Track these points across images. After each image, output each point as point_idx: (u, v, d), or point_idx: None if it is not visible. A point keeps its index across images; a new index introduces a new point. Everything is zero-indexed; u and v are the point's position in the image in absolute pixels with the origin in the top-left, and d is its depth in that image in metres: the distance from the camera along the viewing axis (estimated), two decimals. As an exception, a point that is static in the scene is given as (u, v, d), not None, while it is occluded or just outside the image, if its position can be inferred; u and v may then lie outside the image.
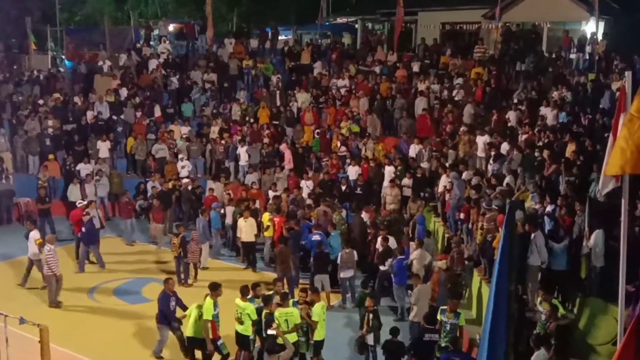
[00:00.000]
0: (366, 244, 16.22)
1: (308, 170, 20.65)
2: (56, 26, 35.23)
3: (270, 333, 10.83)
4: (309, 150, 22.23)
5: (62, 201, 20.69)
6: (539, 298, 11.34)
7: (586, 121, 18.87)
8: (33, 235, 15.68)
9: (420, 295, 12.76)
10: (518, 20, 29.45)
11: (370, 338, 11.92)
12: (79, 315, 14.44)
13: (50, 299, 14.75)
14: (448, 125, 21.39)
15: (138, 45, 30.95)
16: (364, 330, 11.98)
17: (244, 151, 22.02)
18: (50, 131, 23.08)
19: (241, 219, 17.31)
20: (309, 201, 18.41)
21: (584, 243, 12.14)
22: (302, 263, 16.31)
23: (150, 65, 27.86)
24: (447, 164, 18.60)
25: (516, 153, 17.24)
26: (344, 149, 21.59)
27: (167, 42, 30.41)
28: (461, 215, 16.01)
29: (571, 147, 16.37)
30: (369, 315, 12.01)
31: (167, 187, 20.12)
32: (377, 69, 26.53)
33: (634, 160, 6.91)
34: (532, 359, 9.69)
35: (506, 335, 7.23)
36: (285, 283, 14.97)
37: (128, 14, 41.76)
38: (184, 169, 21.60)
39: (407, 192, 18.37)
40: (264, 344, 11.33)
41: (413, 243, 15.33)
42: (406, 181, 18.69)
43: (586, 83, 22.08)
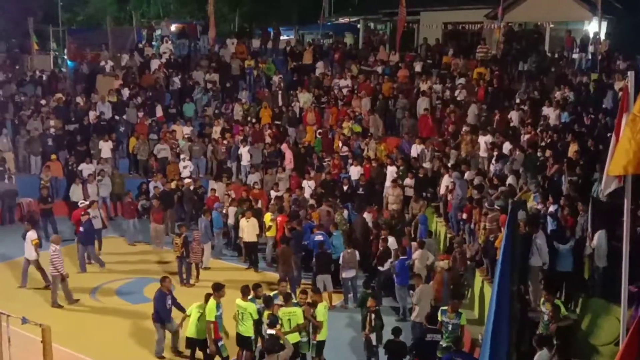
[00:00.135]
0: (368, 244, 16.21)
1: (310, 170, 20.65)
2: (58, 26, 35.24)
3: (270, 332, 10.82)
4: (311, 150, 22.23)
5: (65, 201, 20.73)
6: (542, 298, 11.32)
7: (589, 121, 18.83)
8: (30, 235, 15.67)
9: (422, 295, 12.75)
10: (520, 20, 29.43)
11: (372, 338, 11.92)
12: (81, 315, 14.45)
13: (52, 299, 14.76)
14: (450, 125, 21.37)
15: (140, 45, 30.98)
16: (367, 330, 11.97)
17: (246, 151, 22.02)
18: (52, 131, 23.10)
19: (243, 219, 17.31)
20: (312, 201, 18.41)
21: (587, 244, 12.11)
22: (305, 263, 16.32)
23: (152, 65, 27.89)
24: (450, 164, 18.59)
25: (518, 153, 17.22)
26: (346, 149, 21.59)
27: (169, 42, 30.42)
28: (463, 215, 15.99)
29: (573, 147, 16.35)
30: (371, 315, 12.01)
31: (170, 187, 20.13)
32: (380, 69, 26.52)
33: (637, 160, 6.91)
34: (535, 359, 9.68)
35: (508, 335, 7.23)
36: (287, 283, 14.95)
37: (130, 14, 41.81)
38: (186, 169, 21.61)
39: (410, 192, 18.35)
40: (264, 344, 11.33)
41: (415, 243, 15.32)
42: (408, 181, 18.67)
43: (589, 83, 22.05)
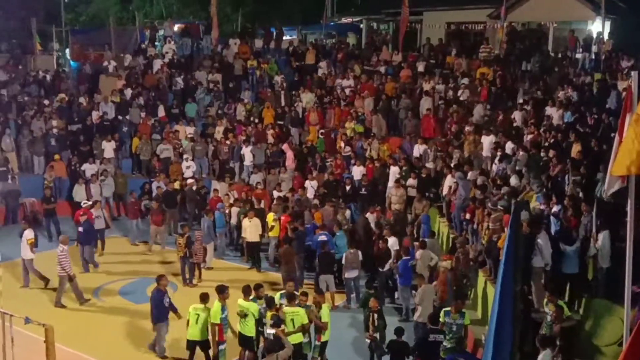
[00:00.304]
0: (371, 245, 16.20)
1: (312, 170, 20.64)
2: (61, 26, 35.29)
3: (270, 332, 10.81)
4: (314, 150, 22.23)
5: (68, 201, 20.76)
6: (545, 299, 11.29)
7: (592, 121, 18.79)
8: (26, 234, 15.70)
9: (424, 295, 12.74)
10: (523, 19, 29.39)
11: (377, 337, 11.91)
12: (84, 315, 14.46)
13: (56, 299, 14.79)
14: (453, 125, 21.34)
15: (143, 45, 31.00)
16: (371, 331, 11.96)
17: (249, 151, 22.03)
18: (55, 131, 23.13)
19: (246, 219, 17.32)
20: (316, 201, 18.41)
21: (592, 244, 12.06)
22: (308, 263, 16.31)
23: (154, 65, 27.92)
24: (452, 164, 18.56)
25: (522, 153, 17.18)
26: (349, 149, 21.58)
27: (172, 43, 30.45)
28: (466, 215, 15.96)
29: (576, 147, 16.31)
30: (374, 315, 12.00)
31: (173, 187, 20.14)
32: (382, 69, 26.51)
33: (640, 160, 6.89)
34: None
35: (512, 335, 7.21)
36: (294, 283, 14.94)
37: (133, 15, 41.81)
38: (189, 169, 21.63)
39: (412, 193, 18.34)
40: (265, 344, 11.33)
41: (417, 243, 15.30)
42: (411, 181, 18.65)
43: (592, 83, 22.00)
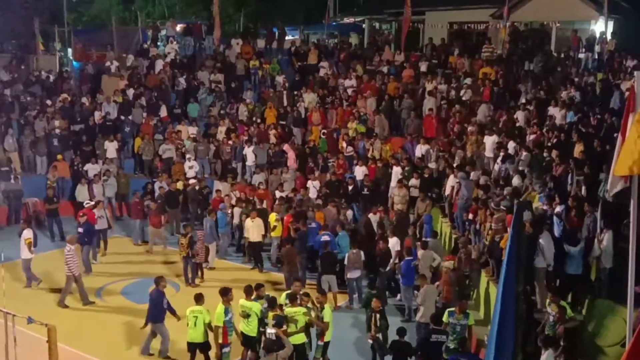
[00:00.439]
0: (373, 245, 16.19)
1: (315, 170, 20.64)
2: (64, 27, 35.35)
3: (270, 332, 10.82)
4: (316, 150, 22.22)
5: (70, 201, 20.78)
6: (547, 299, 11.28)
7: (595, 121, 18.77)
8: (24, 234, 15.71)
9: (426, 295, 12.72)
10: (526, 19, 29.36)
11: (379, 338, 11.90)
12: (87, 315, 14.48)
13: (61, 298, 14.82)
14: (456, 125, 21.32)
15: (145, 45, 31.03)
16: (373, 331, 11.95)
17: (251, 151, 22.04)
18: (57, 131, 23.16)
19: (248, 219, 17.32)
20: (319, 201, 18.41)
21: (596, 245, 12.03)
22: (310, 263, 16.31)
23: (157, 65, 27.93)
24: (455, 164, 18.53)
25: (525, 153, 17.16)
26: (351, 149, 21.57)
27: (175, 43, 30.46)
28: (469, 215, 15.95)
29: (579, 147, 16.29)
30: (376, 315, 11.99)
31: (176, 188, 20.15)
32: (385, 69, 26.49)
33: (643, 160, 6.87)
34: (541, 360, 9.65)
35: (514, 336, 7.20)
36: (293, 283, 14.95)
37: (135, 15, 41.89)
38: (192, 170, 21.64)
39: (415, 193, 18.32)
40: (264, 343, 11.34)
41: (419, 243, 15.29)
42: (413, 182, 18.64)
43: (595, 83, 21.96)
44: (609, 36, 26.04)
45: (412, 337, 12.15)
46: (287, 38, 33.19)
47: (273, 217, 17.39)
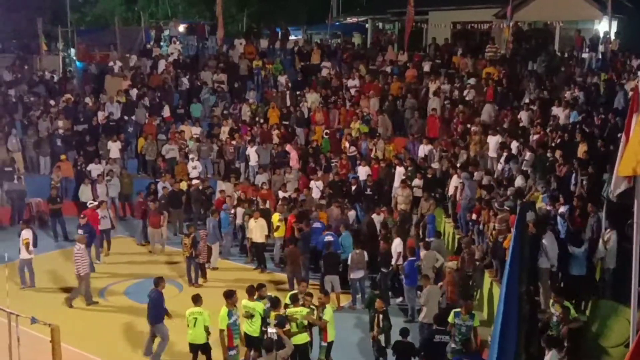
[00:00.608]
0: (376, 245, 16.17)
1: (318, 170, 20.64)
2: (67, 27, 35.43)
3: (271, 331, 10.82)
4: (319, 150, 22.22)
5: (74, 201, 20.81)
6: (551, 300, 11.25)
7: (599, 121, 18.72)
8: (23, 234, 15.72)
9: (429, 296, 12.70)
10: (530, 19, 29.32)
11: (382, 340, 11.89)
12: (90, 315, 14.50)
13: (70, 298, 14.85)
14: (459, 125, 21.29)
15: (148, 45, 31.06)
16: (375, 331, 11.93)
17: (254, 152, 22.04)
18: (61, 132, 23.19)
19: (251, 220, 17.32)
20: (323, 201, 18.40)
21: (600, 245, 11.99)
22: (313, 264, 16.29)
23: (160, 65, 27.96)
24: (458, 165, 18.51)
25: (528, 153, 17.13)
26: (354, 149, 21.56)
27: (178, 43, 30.49)
28: (472, 216, 15.93)
29: (583, 148, 16.25)
30: (379, 316, 11.98)
31: (179, 188, 20.16)
32: (388, 69, 26.47)
33: (647, 161, 6.85)
34: (544, 361, 9.63)
35: (517, 336, 7.18)
36: (295, 283, 14.93)
37: (138, 15, 41.95)
38: (195, 170, 21.65)
39: (418, 193, 18.29)
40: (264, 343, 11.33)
41: (421, 244, 15.27)
42: (417, 182, 18.61)
43: (599, 83, 21.91)
44: (613, 36, 25.96)
45: (415, 338, 12.15)
46: (290, 38, 33.19)
47: (276, 218, 17.39)
